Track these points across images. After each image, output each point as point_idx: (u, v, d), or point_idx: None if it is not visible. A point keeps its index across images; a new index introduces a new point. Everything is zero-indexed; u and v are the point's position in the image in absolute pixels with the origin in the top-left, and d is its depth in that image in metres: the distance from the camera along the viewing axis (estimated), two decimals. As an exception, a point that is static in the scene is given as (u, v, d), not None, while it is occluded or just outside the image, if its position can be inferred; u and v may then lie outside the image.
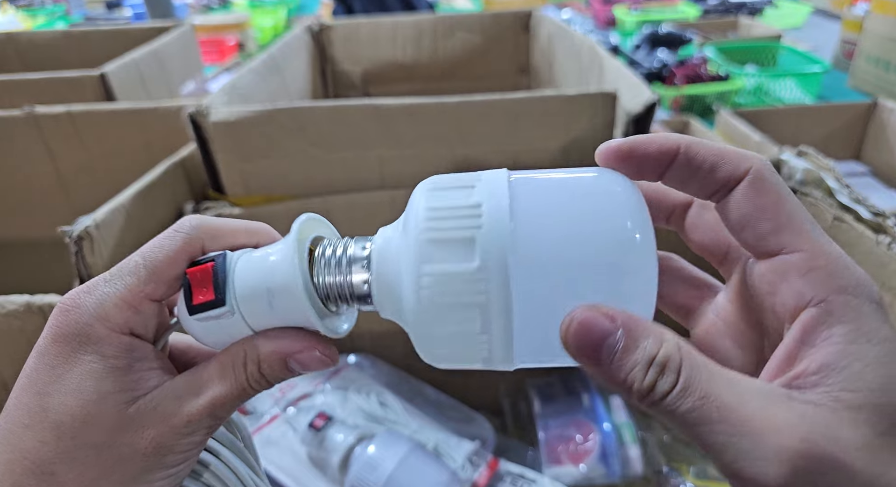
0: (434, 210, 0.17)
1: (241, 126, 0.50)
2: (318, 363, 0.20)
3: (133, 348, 0.19)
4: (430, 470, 0.47)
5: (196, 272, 0.20)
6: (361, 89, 0.93)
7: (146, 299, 0.19)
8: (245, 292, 0.19)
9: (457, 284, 0.16)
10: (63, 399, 0.18)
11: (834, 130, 1.09)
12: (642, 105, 0.50)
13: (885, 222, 0.40)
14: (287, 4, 2.60)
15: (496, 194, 0.17)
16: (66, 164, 0.66)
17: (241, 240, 0.21)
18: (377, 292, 0.19)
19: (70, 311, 0.19)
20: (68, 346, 0.18)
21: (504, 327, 0.17)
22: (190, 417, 0.19)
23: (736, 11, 2.30)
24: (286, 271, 0.19)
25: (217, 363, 0.20)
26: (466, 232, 0.17)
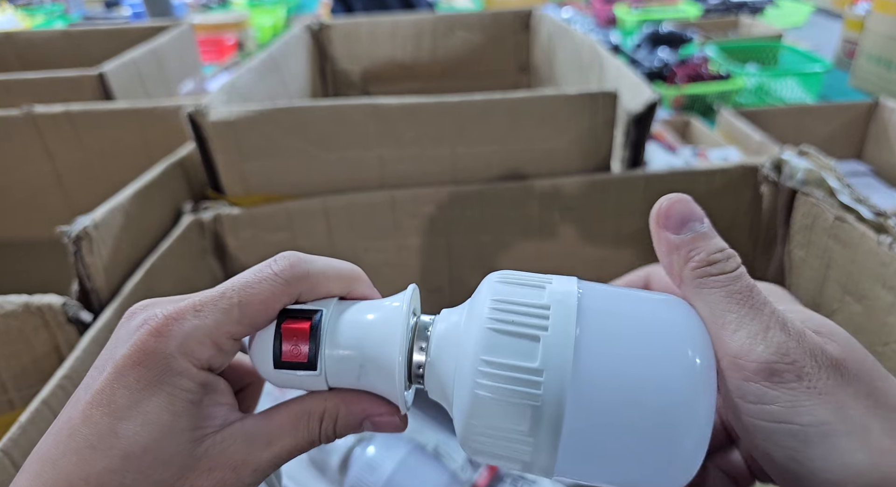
0: (503, 303, 0.17)
1: (241, 126, 0.50)
2: (393, 428, 0.20)
3: (209, 384, 0.19)
4: (429, 471, 0.47)
5: (292, 331, 0.19)
6: (361, 88, 0.92)
7: (230, 339, 0.19)
8: (337, 359, 0.19)
9: (514, 379, 0.16)
10: (137, 429, 0.17)
11: (835, 130, 1.09)
12: (643, 104, 0.49)
13: (887, 221, 0.39)
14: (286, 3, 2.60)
15: (565, 301, 0.17)
16: (64, 163, 0.66)
17: (335, 288, 0.20)
18: (429, 374, 0.19)
19: (157, 337, 0.18)
20: (151, 373, 0.18)
21: (552, 433, 0.16)
22: (257, 466, 0.19)
23: (737, 10, 2.30)
24: (390, 351, 0.19)
25: (291, 414, 0.20)
26: (533, 331, 0.17)
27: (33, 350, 0.42)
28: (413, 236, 0.53)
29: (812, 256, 0.47)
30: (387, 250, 0.53)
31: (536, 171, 0.53)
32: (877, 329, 0.40)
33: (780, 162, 0.49)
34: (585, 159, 0.53)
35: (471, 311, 0.18)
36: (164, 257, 0.48)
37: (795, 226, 0.49)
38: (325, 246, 0.53)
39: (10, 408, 0.44)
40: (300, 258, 0.20)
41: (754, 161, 0.52)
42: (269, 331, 0.20)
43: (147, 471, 0.17)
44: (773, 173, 0.50)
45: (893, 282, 0.38)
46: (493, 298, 0.17)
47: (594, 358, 0.17)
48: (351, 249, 0.53)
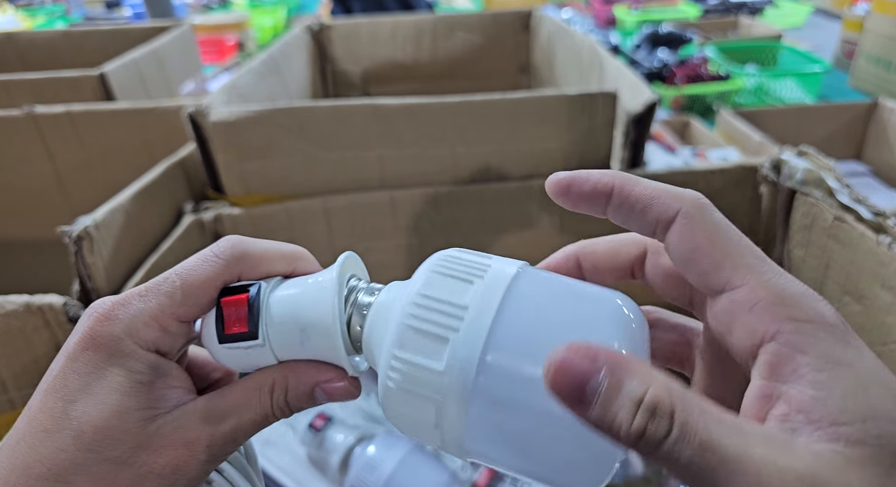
0: (425, 297, 0.17)
1: (241, 126, 0.50)
2: (345, 394, 0.20)
3: (157, 365, 0.19)
4: (429, 471, 0.47)
5: (230, 303, 0.20)
6: (361, 89, 0.92)
7: (176, 320, 0.19)
8: (278, 327, 0.20)
9: (420, 378, 0.17)
10: (87, 409, 0.18)
11: (834, 130, 1.09)
12: (643, 105, 0.50)
13: (886, 221, 0.39)
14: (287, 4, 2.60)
15: (490, 298, 0.17)
16: (65, 164, 0.66)
17: (278, 267, 0.21)
18: (365, 344, 0.20)
19: (104, 322, 0.19)
20: (98, 355, 0.18)
21: (455, 430, 0.17)
22: (211, 442, 0.19)
23: (736, 11, 2.30)
24: (325, 312, 0.19)
25: (242, 389, 0.20)
26: (443, 331, 0.17)
27: (34, 350, 0.42)
28: (413, 235, 0.53)
29: (811, 256, 0.47)
30: (387, 249, 0.54)
31: (536, 171, 0.53)
32: (876, 329, 0.40)
33: (779, 162, 0.49)
34: (585, 160, 0.53)
35: (403, 293, 0.18)
36: (164, 257, 0.48)
37: (795, 226, 0.49)
38: (325, 246, 0.53)
39: (11, 408, 0.44)
40: (240, 240, 0.20)
41: (753, 161, 0.52)
42: (212, 314, 0.20)
43: (98, 449, 0.18)
44: (772, 174, 0.50)
45: (892, 282, 0.39)
46: (418, 292, 0.18)
47: (504, 361, 0.16)
48: (351, 249, 0.53)
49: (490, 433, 0.17)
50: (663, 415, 0.13)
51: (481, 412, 0.16)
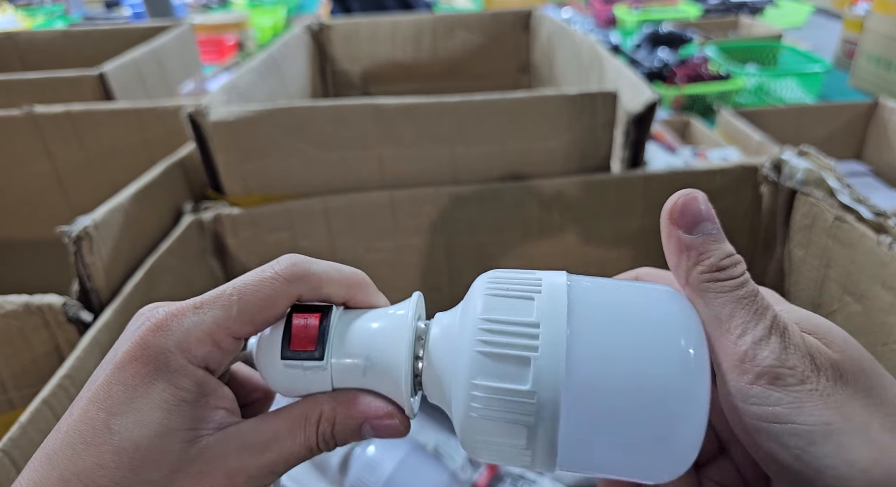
0: (492, 322, 0.17)
1: (241, 126, 0.50)
2: (394, 432, 0.20)
3: (204, 383, 0.18)
4: (429, 471, 0.47)
5: (304, 319, 0.19)
6: (361, 89, 0.92)
7: (230, 337, 0.19)
8: (345, 354, 0.19)
9: (507, 402, 0.17)
10: (129, 425, 0.17)
11: (835, 130, 1.09)
12: (643, 104, 0.49)
13: (887, 221, 0.39)
14: (286, 4, 2.60)
15: (556, 313, 0.17)
16: (64, 163, 0.66)
17: (337, 290, 0.20)
18: (427, 380, 0.19)
19: (157, 332, 0.18)
20: (147, 368, 0.18)
21: (548, 447, 0.17)
22: (252, 473, 0.18)
23: (737, 11, 2.30)
24: (398, 350, 0.19)
25: (288, 418, 0.19)
26: (522, 352, 0.17)
27: (33, 350, 0.42)
28: (413, 236, 0.53)
29: (812, 256, 0.47)
30: (386, 250, 0.53)
31: (536, 171, 0.53)
32: (876, 329, 0.40)
33: (779, 162, 0.49)
34: (585, 159, 0.53)
35: (462, 321, 0.18)
36: (164, 257, 0.48)
37: (795, 226, 0.49)
38: (325, 246, 0.53)
39: (11, 408, 0.44)
40: (302, 259, 0.20)
41: (754, 161, 0.52)
42: (278, 329, 0.20)
43: (137, 469, 0.17)
44: (772, 173, 0.50)
45: (893, 282, 0.39)
46: (481, 317, 0.17)
47: (587, 367, 0.17)
48: (351, 249, 0.53)
49: (582, 443, 0.17)
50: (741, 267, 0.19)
51: (573, 425, 0.17)
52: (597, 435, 0.17)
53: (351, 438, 0.20)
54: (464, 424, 0.18)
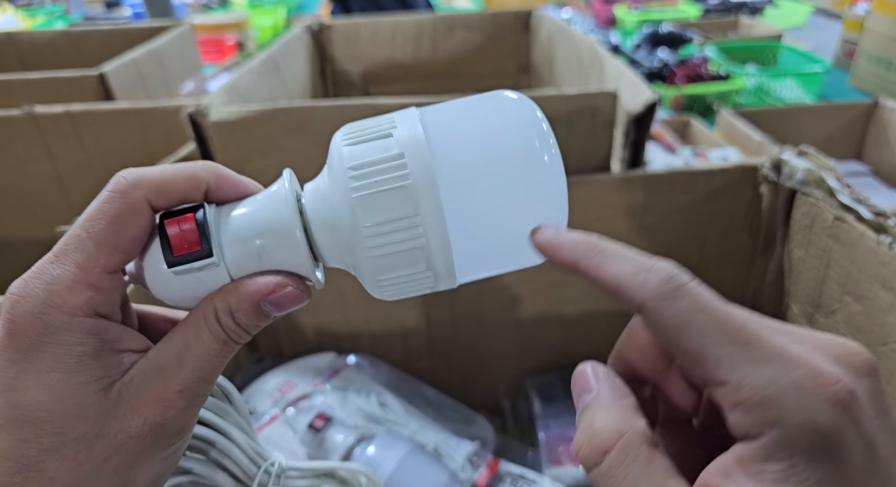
0: (358, 168, 0.18)
1: (241, 126, 0.50)
2: (293, 300, 0.19)
3: (100, 329, 0.18)
4: (429, 471, 0.47)
5: (177, 223, 0.18)
6: (361, 89, 0.92)
7: (103, 273, 0.18)
8: (234, 241, 0.19)
9: (396, 233, 0.18)
10: (34, 395, 0.17)
11: (835, 130, 1.09)
12: (643, 105, 0.49)
13: (887, 221, 0.39)
14: (286, 4, 2.60)
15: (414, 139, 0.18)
16: (65, 163, 0.66)
17: (188, 187, 0.19)
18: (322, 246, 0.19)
19: (20, 301, 0.17)
20: (26, 338, 0.17)
21: (445, 257, 0.18)
22: (181, 387, 0.18)
23: (736, 11, 2.30)
24: (285, 218, 0.19)
25: (190, 324, 0.19)
26: (396, 183, 0.18)
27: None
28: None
29: (812, 256, 0.47)
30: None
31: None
32: (876, 329, 0.40)
33: (779, 162, 0.49)
34: (585, 160, 0.53)
35: (332, 178, 0.19)
36: (164, 257, 0.48)
37: (795, 226, 0.49)
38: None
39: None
40: (131, 169, 0.19)
41: (754, 161, 0.52)
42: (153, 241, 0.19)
43: (63, 431, 0.17)
44: (772, 173, 0.50)
45: (893, 282, 0.39)
46: (348, 166, 0.18)
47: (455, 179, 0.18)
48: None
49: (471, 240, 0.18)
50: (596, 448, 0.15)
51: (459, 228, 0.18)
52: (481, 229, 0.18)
53: (257, 320, 0.19)
54: (368, 269, 0.18)
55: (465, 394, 0.59)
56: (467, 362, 0.61)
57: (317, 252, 0.20)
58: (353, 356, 0.59)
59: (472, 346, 0.60)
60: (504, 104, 0.19)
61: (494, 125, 0.19)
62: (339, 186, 0.18)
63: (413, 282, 0.19)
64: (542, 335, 0.60)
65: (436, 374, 0.61)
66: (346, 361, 0.58)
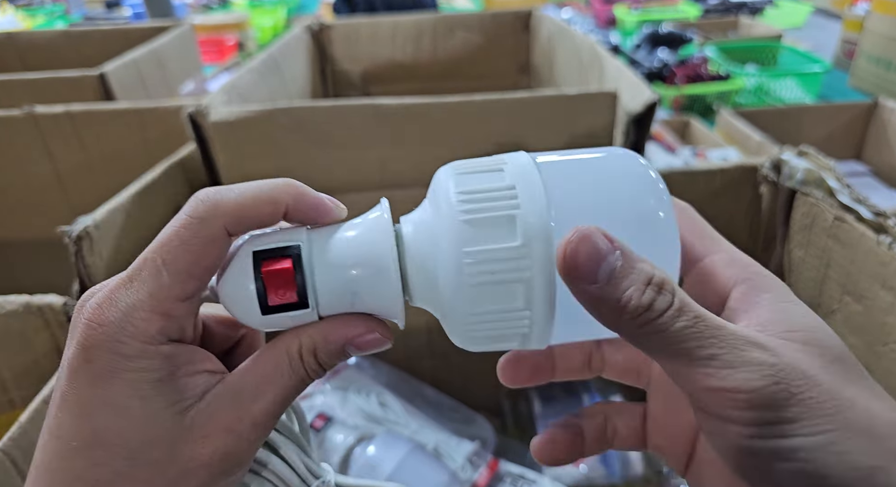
0: (469, 194, 0.17)
1: (241, 126, 0.50)
2: (377, 344, 0.19)
3: (172, 355, 0.18)
4: (429, 471, 0.47)
5: (274, 272, 0.18)
6: (361, 89, 0.92)
7: (176, 301, 0.18)
8: (328, 289, 0.18)
9: (500, 261, 0.17)
10: (111, 421, 0.17)
11: (835, 130, 1.09)
12: (643, 105, 0.50)
13: (886, 221, 0.39)
14: (287, 4, 2.60)
15: (528, 176, 0.18)
16: (65, 164, 0.66)
17: (267, 210, 0.18)
18: (412, 280, 0.19)
19: (97, 327, 0.17)
20: (103, 363, 0.17)
21: (548, 300, 0.17)
22: (253, 420, 0.18)
23: (736, 11, 2.30)
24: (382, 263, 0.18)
25: (271, 358, 0.19)
26: (506, 212, 0.17)
27: (34, 350, 0.42)
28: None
29: (811, 256, 0.47)
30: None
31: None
32: (876, 329, 0.40)
33: (779, 162, 0.49)
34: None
35: (436, 208, 0.18)
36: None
37: (795, 226, 0.49)
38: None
39: (11, 408, 0.44)
40: (208, 191, 0.18)
41: (754, 161, 0.52)
42: (241, 275, 0.18)
43: (136, 455, 0.17)
44: (772, 173, 0.50)
45: (893, 282, 0.39)
46: (457, 191, 0.17)
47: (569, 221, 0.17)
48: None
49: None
50: (668, 292, 0.16)
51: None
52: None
53: (337, 359, 0.19)
54: (458, 300, 0.17)
55: (465, 394, 0.59)
56: (467, 362, 0.61)
57: (408, 289, 0.19)
58: (354, 357, 0.59)
59: (472, 346, 0.60)
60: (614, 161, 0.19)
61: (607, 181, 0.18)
62: (445, 213, 0.18)
63: (505, 322, 0.18)
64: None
65: (436, 374, 0.61)
66: (346, 361, 0.58)
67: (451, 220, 0.17)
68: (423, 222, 0.19)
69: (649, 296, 0.16)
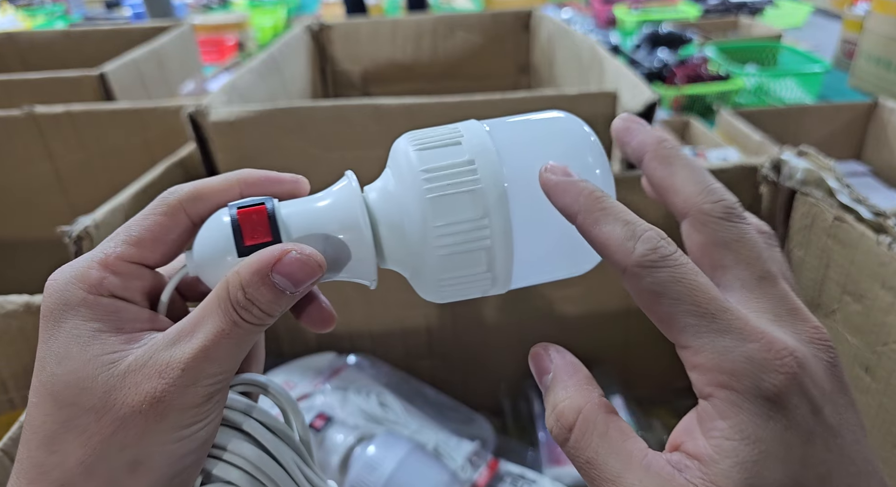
0: (432, 171, 0.19)
1: (241, 126, 0.50)
2: (301, 267, 0.18)
3: (118, 309, 0.19)
4: (430, 471, 0.47)
5: (249, 213, 0.19)
6: (361, 89, 0.92)
7: (124, 261, 0.19)
8: (302, 233, 0.19)
9: (465, 233, 0.19)
10: (54, 369, 0.18)
11: (834, 130, 1.09)
12: (643, 105, 0.50)
13: (886, 221, 0.39)
14: (287, 4, 2.60)
15: (483, 147, 0.19)
16: (65, 164, 0.66)
17: (219, 190, 0.21)
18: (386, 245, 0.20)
19: (50, 283, 0.19)
20: (52, 316, 0.18)
21: (507, 260, 0.19)
22: (184, 363, 0.17)
23: (736, 11, 2.30)
24: (354, 213, 0.19)
25: (203, 303, 0.19)
26: (468, 188, 0.19)
27: (34, 350, 0.42)
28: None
29: (811, 256, 0.47)
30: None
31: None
32: (876, 329, 0.41)
33: (779, 162, 0.49)
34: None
35: (400, 179, 0.20)
36: (164, 257, 0.48)
37: (795, 226, 0.49)
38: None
39: (11, 408, 0.44)
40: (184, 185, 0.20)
41: (753, 161, 0.52)
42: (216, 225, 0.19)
43: (76, 402, 0.17)
44: (772, 174, 0.50)
45: (893, 282, 0.39)
46: (422, 169, 0.19)
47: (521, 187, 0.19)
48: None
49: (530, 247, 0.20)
50: (563, 427, 0.17)
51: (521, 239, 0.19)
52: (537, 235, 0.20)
53: (268, 296, 0.18)
54: (431, 268, 0.19)
55: (465, 394, 0.59)
56: (467, 362, 0.61)
57: (380, 252, 0.20)
58: (354, 356, 0.59)
59: (472, 346, 0.60)
60: (557, 123, 0.21)
61: (551, 141, 0.20)
62: (410, 187, 0.19)
63: (471, 283, 0.20)
64: (541, 335, 0.60)
65: (436, 374, 0.61)
66: (346, 361, 0.58)
67: (419, 196, 0.19)
68: (387, 190, 0.20)
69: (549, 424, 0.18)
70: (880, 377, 0.40)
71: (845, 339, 0.44)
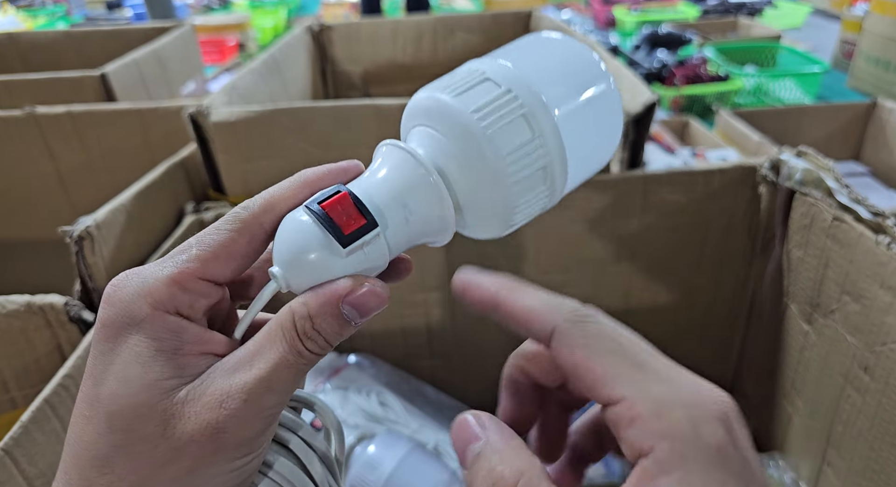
0: (480, 109, 0.19)
1: (242, 126, 0.50)
2: (372, 298, 0.18)
3: (181, 329, 0.18)
4: (430, 470, 0.47)
5: (334, 204, 0.18)
6: (361, 89, 0.93)
7: (196, 278, 0.18)
8: (385, 206, 0.19)
9: (529, 155, 0.20)
10: (113, 389, 0.17)
11: (833, 131, 1.09)
12: (642, 105, 0.50)
13: (885, 221, 0.40)
14: (287, 5, 2.60)
15: (511, 75, 0.20)
16: (66, 164, 0.66)
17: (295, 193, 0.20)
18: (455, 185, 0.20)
19: (115, 291, 0.18)
20: (113, 329, 0.17)
21: (562, 174, 0.21)
22: (246, 393, 0.17)
23: (735, 12, 2.30)
24: (418, 172, 0.20)
25: (265, 331, 0.18)
26: (518, 112, 0.20)
27: (35, 350, 0.42)
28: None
29: (810, 256, 0.47)
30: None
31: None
32: (875, 329, 0.41)
33: (778, 162, 0.50)
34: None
35: (448, 129, 0.20)
36: (165, 257, 0.48)
37: (794, 226, 0.49)
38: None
39: (13, 407, 0.44)
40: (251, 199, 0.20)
41: (753, 162, 0.52)
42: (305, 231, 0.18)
43: (132, 428, 0.17)
44: (771, 174, 0.50)
45: (891, 282, 0.39)
46: (471, 110, 0.19)
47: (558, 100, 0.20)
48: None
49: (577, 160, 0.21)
50: None
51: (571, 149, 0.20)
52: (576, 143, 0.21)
53: (335, 326, 0.18)
54: (504, 199, 0.20)
55: (465, 394, 0.59)
56: (467, 362, 0.61)
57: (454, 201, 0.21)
58: (354, 356, 0.59)
59: (472, 346, 0.60)
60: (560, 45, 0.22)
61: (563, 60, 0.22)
62: (464, 131, 0.19)
63: (536, 202, 0.21)
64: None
65: (436, 374, 0.61)
66: (346, 360, 0.58)
67: (478, 135, 0.19)
68: (431, 144, 0.20)
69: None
70: (879, 377, 0.41)
71: (844, 339, 0.44)
